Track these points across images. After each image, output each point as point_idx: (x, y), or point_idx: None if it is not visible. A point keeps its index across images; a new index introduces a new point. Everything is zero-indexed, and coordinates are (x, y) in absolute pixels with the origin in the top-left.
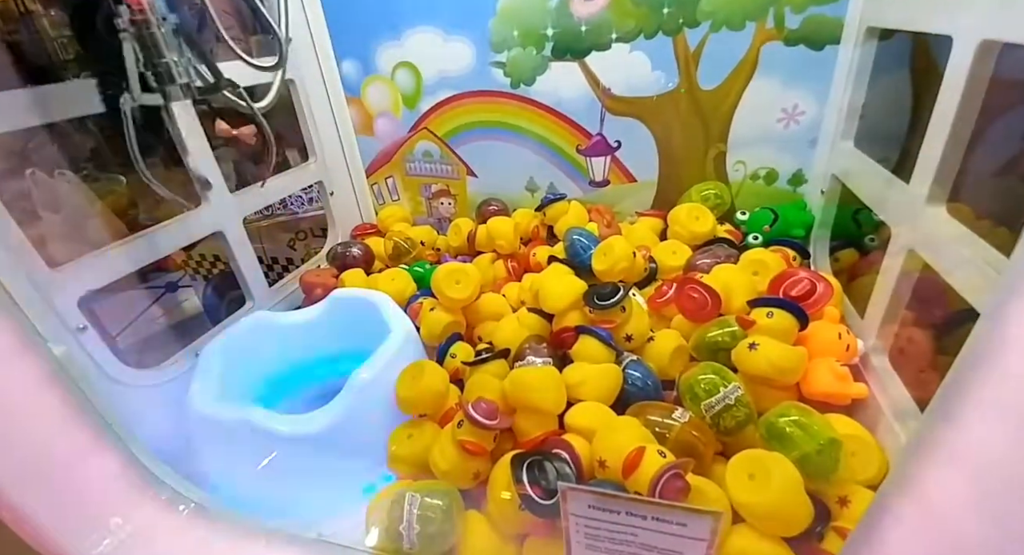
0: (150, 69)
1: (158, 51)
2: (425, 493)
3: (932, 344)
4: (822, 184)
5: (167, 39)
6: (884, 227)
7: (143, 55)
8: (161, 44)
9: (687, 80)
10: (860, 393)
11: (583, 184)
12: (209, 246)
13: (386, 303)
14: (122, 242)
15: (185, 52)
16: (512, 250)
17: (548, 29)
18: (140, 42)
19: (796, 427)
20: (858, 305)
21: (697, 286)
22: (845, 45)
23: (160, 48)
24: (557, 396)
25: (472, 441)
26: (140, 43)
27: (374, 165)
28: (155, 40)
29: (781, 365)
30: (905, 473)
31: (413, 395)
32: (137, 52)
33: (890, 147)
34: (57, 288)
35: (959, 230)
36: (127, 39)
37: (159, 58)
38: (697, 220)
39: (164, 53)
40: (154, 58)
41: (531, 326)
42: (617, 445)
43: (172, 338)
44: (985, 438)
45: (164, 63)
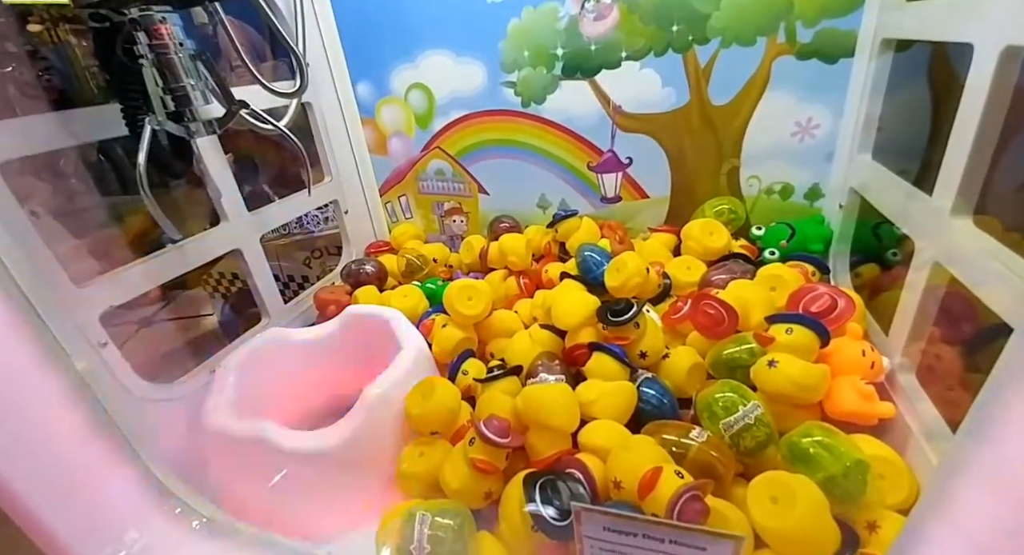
0: (169, 93)
1: (175, 76)
2: (436, 512)
3: (962, 361)
4: (840, 198)
5: (184, 64)
6: (907, 241)
7: (162, 80)
8: (179, 69)
9: (698, 96)
10: (887, 413)
11: (595, 201)
12: (228, 265)
13: (398, 320)
14: (143, 260)
15: (203, 76)
16: (524, 267)
17: (558, 49)
18: (159, 67)
19: (821, 448)
20: (882, 321)
21: (713, 302)
22: (859, 57)
23: (178, 73)
24: (570, 414)
25: (484, 459)
26: (159, 68)
27: (387, 184)
28: (173, 65)
29: (803, 383)
30: (939, 496)
31: (424, 412)
32: (156, 77)
33: (910, 159)
34: (81, 305)
35: (988, 242)
36: (146, 65)
37: (176, 83)
38: (711, 235)
39: (182, 78)
40: (171, 83)
41: (544, 343)
42: (633, 465)
43: (189, 354)
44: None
45: (182, 87)
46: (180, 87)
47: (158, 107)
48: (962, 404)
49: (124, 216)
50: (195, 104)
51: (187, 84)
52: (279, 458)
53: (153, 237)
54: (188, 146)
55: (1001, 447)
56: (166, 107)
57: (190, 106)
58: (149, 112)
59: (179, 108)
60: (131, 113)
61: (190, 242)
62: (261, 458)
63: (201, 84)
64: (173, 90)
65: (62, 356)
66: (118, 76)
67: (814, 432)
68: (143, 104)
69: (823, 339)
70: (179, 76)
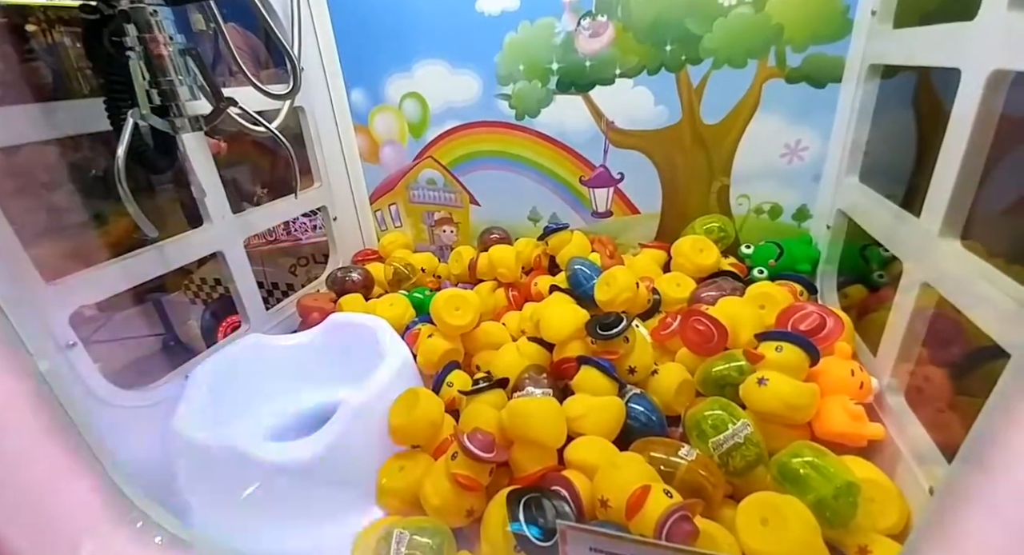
0: (155, 88)
1: (163, 70)
2: (415, 531)
3: (951, 383)
4: (828, 219)
5: (173, 59)
6: (894, 263)
7: (149, 73)
8: (167, 63)
9: (690, 115)
10: (876, 434)
11: (586, 215)
12: (211, 269)
13: (383, 328)
14: (119, 258)
15: (191, 72)
16: (513, 279)
17: (553, 64)
18: (146, 60)
19: (811, 469)
20: (870, 342)
21: (702, 318)
22: (847, 83)
23: (166, 67)
24: (557, 429)
25: (466, 475)
26: (146, 61)
27: (378, 192)
28: (161, 59)
29: (793, 402)
30: (936, 523)
31: (406, 424)
32: (143, 70)
33: (897, 182)
34: (50, 302)
35: (977, 264)
36: (134, 57)
37: (163, 77)
38: (701, 252)
39: (169, 72)
40: (158, 77)
41: (531, 356)
42: (620, 483)
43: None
44: (1022, 484)
45: (168, 81)
46: (167, 81)
47: (143, 100)
48: (952, 426)
49: (107, 216)
50: (181, 99)
51: (175, 79)
52: (251, 470)
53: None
54: (173, 143)
55: (999, 473)
56: (151, 101)
57: (176, 101)
58: (133, 105)
59: (164, 103)
60: (114, 105)
61: (170, 242)
62: (232, 469)
63: (189, 80)
64: (159, 84)
65: (23, 355)
66: (104, 67)
67: (804, 453)
68: (127, 97)
69: (813, 358)
70: (167, 70)
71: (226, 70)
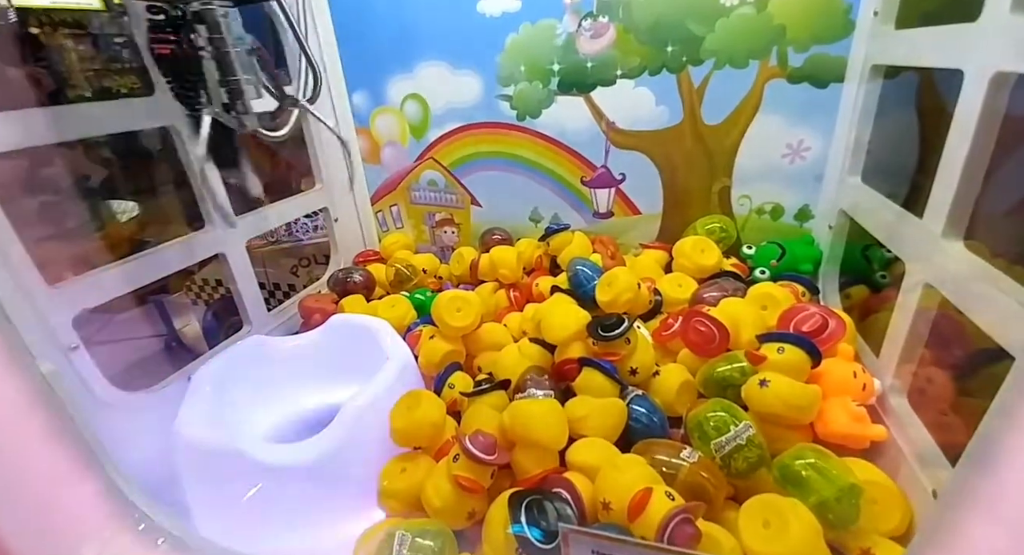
0: (224, 86)
1: (231, 69)
2: (416, 533)
3: (953, 385)
4: (830, 219)
5: (241, 59)
6: (896, 263)
7: (219, 72)
8: (235, 63)
9: (691, 115)
10: (879, 435)
11: (587, 215)
12: (213, 270)
13: (384, 330)
14: (121, 261)
15: (256, 72)
16: (515, 279)
17: (554, 65)
18: (217, 61)
19: (813, 471)
20: (872, 343)
21: (704, 319)
22: (849, 83)
23: (233, 67)
24: (559, 431)
25: (468, 477)
26: (217, 61)
27: (379, 193)
28: (229, 59)
29: (794, 403)
30: (940, 527)
31: (408, 426)
32: (214, 70)
33: (899, 182)
34: (54, 305)
35: (980, 265)
36: (207, 57)
37: (232, 75)
38: (703, 253)
39: (237, 72)
40: (227, 76)
41: (533, 357)
42: (622, 485)
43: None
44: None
45: (236, 80)
46: (234, 80)
47: (216, 98)
48: (955, 428)
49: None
50: (247, 97)
51: (241, 78)
52: (253, 471)
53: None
54: (232, 138)
55: (1004, 478)
56: (221, 99)
57: (242, 98)
58: (200, 102)
59: (232, 100)
60: (191, 103)
61: (171, 245)
62: (234, 471)
63: (255, 79)
64: (228, 82)
65: (26, 357)
66: (171, 66)
67: (807, 454)
68: (197, 94)
69: (815, 359)
70: (234, 69)
71: None
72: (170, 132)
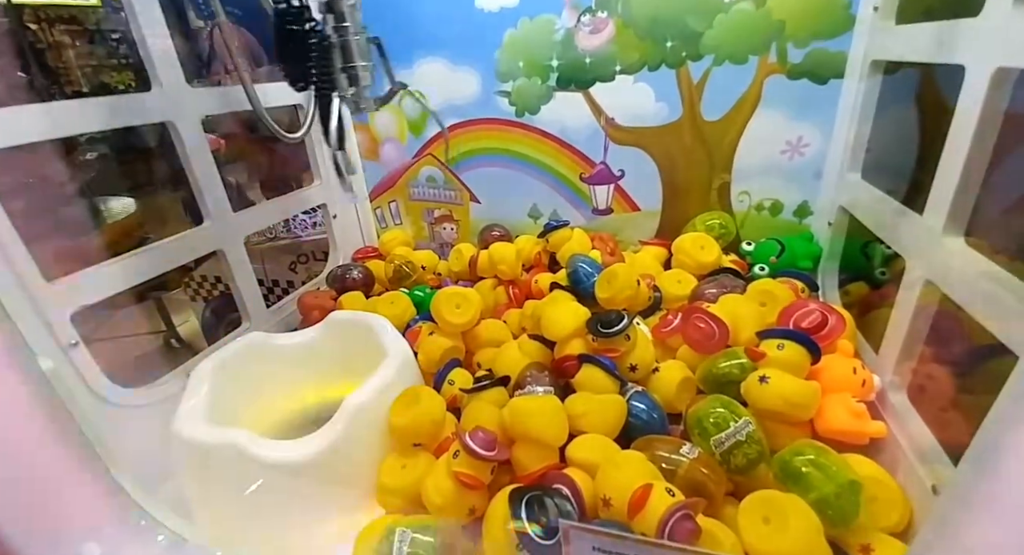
0: (346, 72)
1: (350, 56)
2: (416, 529)
3: (953, 381)
4: (829, 216)
5: (361, 46)
6: (895, 260)
7: (342, 59)
8: (355, 51)
9: (691, 111)
10: (878, 432)
11: (586, 212)
12: (211, 267)
13: (384, 327)
14: (120, 258)
15: (372, 59)
16: (514, 276)
17: (553, 60)
18: (341, 47)
19: (813, 467)
20: (872, 340)
21: (704, 316)
22: (849, 79)
23: (353, 54)
24: (559, 427)
25: (468, 473)
26: (340, 48)
27: (378, 189)
28: (350, 46)
29: (794, 400)
30: (942, 526)
31: (407, 423)
32: (338, 56)
33: (898, 179)
34: (52, 302)
35: (981, 261)
36: (335, 44)
37: (349, 63)
38: (702, 249)
39: (355, 59)
40: (349, 62)
41: (532, 353)
42: (622, 481)
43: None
44: None
45: (353, 67)
46: (352, 67)
47: (343, 83)
48: (955, 425)
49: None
50: (364, 83)
51: (358, 64)
52: (253, 468)
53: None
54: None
55: (1006, 476)
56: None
57: (359, 84)
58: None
59: (352, 85)
60: (322, 88)
61: (169, 242)
62: (233, 468)
63: (371, 65)
64: (349, 69)
65: (26, 354)
66: (296, 53)
67: (807, 451)
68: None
69: (814, 355)
70: (354, 56)
71: (223, 68)
72: (167, 128)
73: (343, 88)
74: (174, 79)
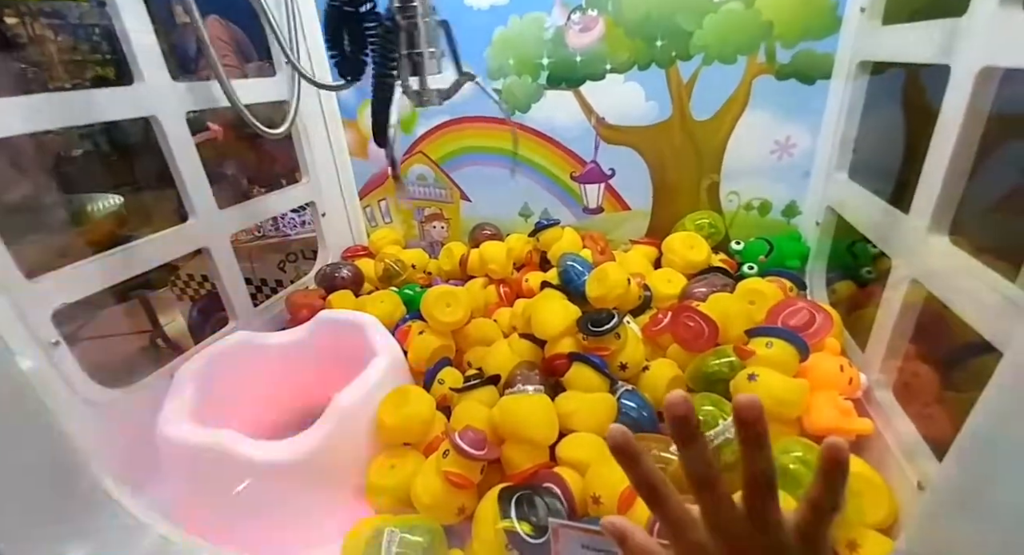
0: (410, 60)
1: (415, 41)
2: (406, 529)
3: (939, 378)
4: (817, 215)
5: (430, 32)
6: (881, 259)
7: (407, 46)
8: (422, 35)
9: (680, 111)
10: (865, 429)
11: (577, 211)
12: (198, 265)
13: (373, 325)
14: (102, 255)
15: (439, 46)
16: (504, 275)
17: (543, 59)
18: (408, 32)
19: (801, 464)
20: (858, 338)
21: (693, 314)
22: (836, 79)
23: (419, 39)
24: (549, 426)
25: (458, 473)
26: (407, 33)
27: (367, 187)
28: (417, 30)
29: (783, 397)
30: (927, 519)
31: (397, 422)
32: (402, 41)
33: (885, 178)
34: (32, 300)
35: (965, 260)
36: (403, 31)
37: (414, 49)
38: (692, 249)
39: (421, 44)
40: (414, 49)
41: (523, 352)
42: (612, 480)
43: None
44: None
45: (419, 54)
46: (417, 53)
47: (405, 69)
48: (939, 421)
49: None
50: (428, 72)
51: (424, 51)
52: (239, 469)
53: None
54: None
55: (990, 472)
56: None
57: (423, 73)
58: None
59: (415, 74)
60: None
61: (152, 239)
62: (220, 469)
63: (439, 52)
64: (413, 57)
65: (3, 354)
66: (360, 41)
67: (795, 448)
68: (382, 69)
69: (803, 353)
70: (419, 42)
71: None
72: (151, 123)
73: (404, 78)
74: (158, 73)
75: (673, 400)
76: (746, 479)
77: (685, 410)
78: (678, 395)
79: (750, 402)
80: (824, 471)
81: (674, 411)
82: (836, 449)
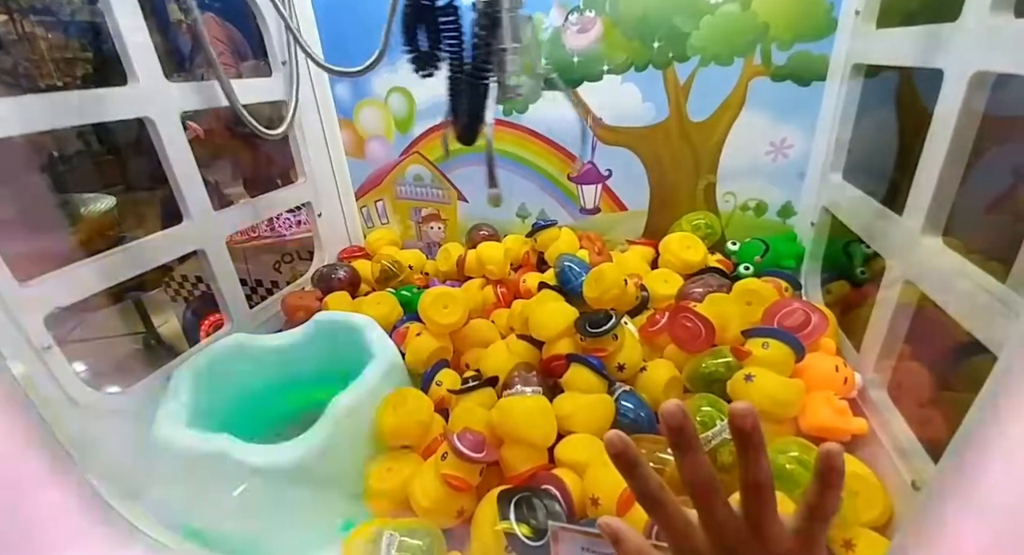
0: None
1: (499, 36)
2: (404, 532)
3: (933, 378)
4: (812, 216)
5: (516, 25)
6: (876, 260)
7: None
8: (506, 30)
9: (677, 112)
10: (860, 429)
11: (574, 211)
12: (192, 267)
13: (370, 327)
14: (95, 258)
15: (522, 41)
16: (502, 276)
17: (541, 59)
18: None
19: (797, 464)
20: (853, 338)
21: (690, 315)
22: (831, 81)
23: (504, 33)
24: (547, 428)
25: (456, 475)
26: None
27: (364, 188)
28: (500, 24)
29: (779, 398)
30: (923, 523)
31: (395, 425)
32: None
33: (879, 180)
34: (24, 304)
35: (958, 261)
36: (505, 25)
37: (498, 44)
38: (689, 249)
39: (505, 40)
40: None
41: (520, 353)
42: (611, 481)
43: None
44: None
45: (503, 50)
46: (501, 49)
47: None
48: (934, 421)
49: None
50: (511, 69)
51: (509, 47)
52: (236, 473)
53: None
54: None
55: (986, 473)
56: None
57: (505, 70)
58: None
59: (499, 71)
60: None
61: (147, 241)
62: (216, 473)
63: (517, 49)
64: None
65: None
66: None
67: (791, 448)
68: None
69: (799, 354)
70: (504, 37)
71: (204, 62)
72: (145, 124)
73: (503, 75)
74: (151, 73)
75: (668, 410)
76: (743, 485)
77: (681, 420)
78: (673, 404)
79: (745, 411)
80: (821, 477)
81: (670, 421)
82: (832, 456)
